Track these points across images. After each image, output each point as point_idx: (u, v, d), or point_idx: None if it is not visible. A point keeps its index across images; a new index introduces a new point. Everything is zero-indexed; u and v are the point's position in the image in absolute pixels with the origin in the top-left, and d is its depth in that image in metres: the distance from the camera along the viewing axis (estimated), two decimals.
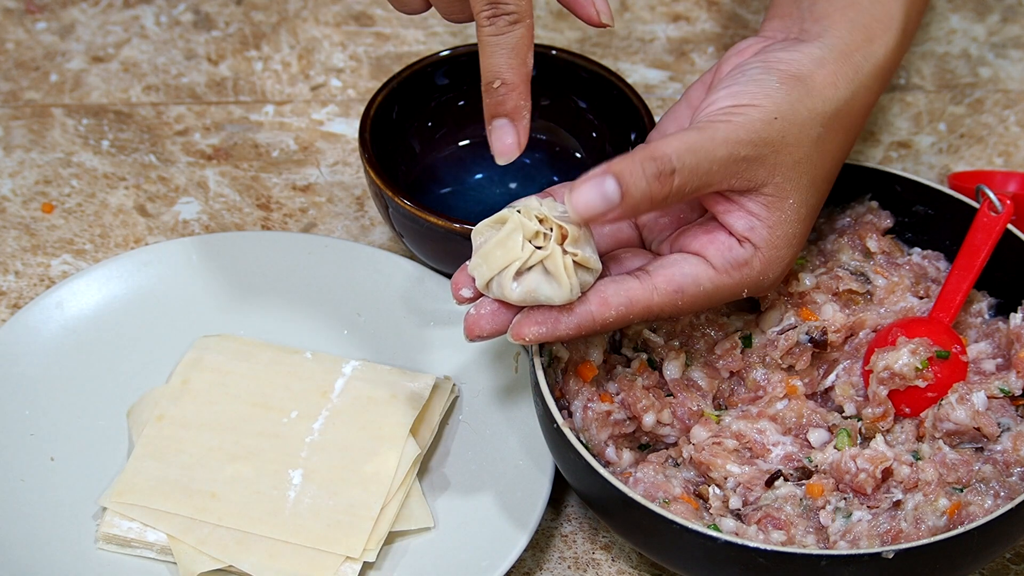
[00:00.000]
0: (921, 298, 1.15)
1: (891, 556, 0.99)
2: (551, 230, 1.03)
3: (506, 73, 1.04)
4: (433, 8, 1.08)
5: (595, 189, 1.00)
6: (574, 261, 1.03)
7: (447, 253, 1.19)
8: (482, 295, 1.05)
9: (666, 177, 1.01)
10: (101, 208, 1.31)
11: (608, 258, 1.08)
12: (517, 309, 1.04)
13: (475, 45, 1.26)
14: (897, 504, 1.06)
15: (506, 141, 1.05)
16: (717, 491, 1.08)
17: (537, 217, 1.04)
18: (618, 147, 1.25)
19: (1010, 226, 1.14)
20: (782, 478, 1.08)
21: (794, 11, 1.12)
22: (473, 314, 1.05)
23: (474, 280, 1.05)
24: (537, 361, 1.08)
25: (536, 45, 1.26)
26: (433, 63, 1.26)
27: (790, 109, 1.05)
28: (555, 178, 1.28)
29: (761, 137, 1.04)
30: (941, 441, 1.09)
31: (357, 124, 1.32)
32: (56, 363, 1.18)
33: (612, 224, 1.09)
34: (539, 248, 1.03)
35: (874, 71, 1.10)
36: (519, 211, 1.04)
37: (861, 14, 1.10)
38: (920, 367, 1.09)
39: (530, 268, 1.03)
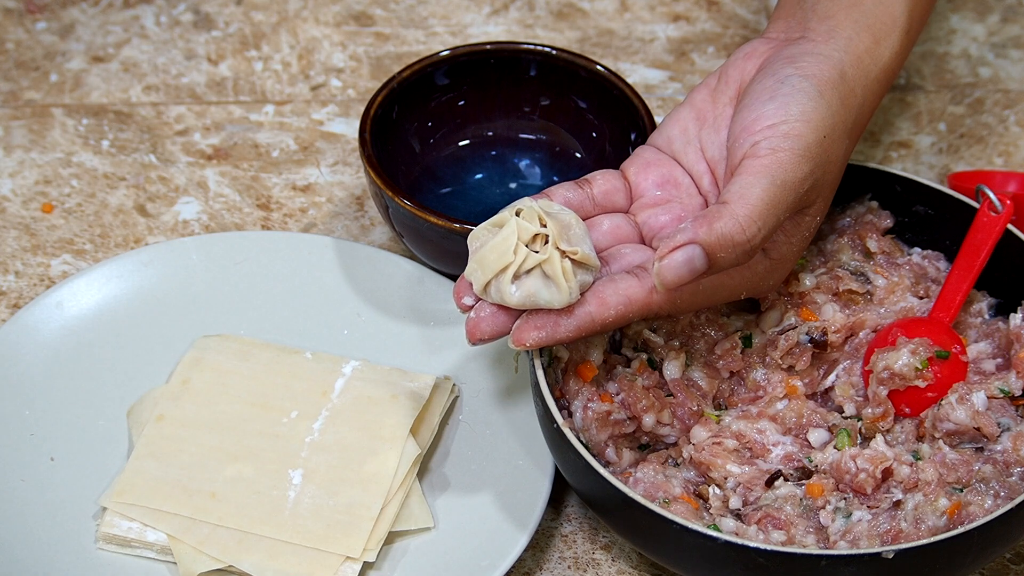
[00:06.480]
0: (921, 298, 1.15)
1: (891, 556, 0.99)
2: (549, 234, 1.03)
3: None
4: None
5: (685, 265, 1.00)
6: (573, 260, 1.03)
7: (447, 253, 1.19)
8: (482, 300, 1.05)
9: (754, 250, 1.02)
10: (101, 208, 1.31)
11: (608, 254, 1.08)
12: (517, 312, 1.04)
13: (475, 45, 1.27)
14: (897, 504, 1.06)
15: None
16: (717, 491, 1.08)
17: (539, 220, 1.04)
18: (618, 147, 1.25)
19: (1010, 226, 1.14)
20: (782, 478, 1.08)
21: (798, 11, 1.11)
22: (473, 318, 1.05)
23: (472, 285, 1.05)
24: (537, 361, 1.08)
25: (536, 45, 1.27)
26: (433, 63, 1.26)
27: (832, 125, 1.05)
28: (555, 178, 1.28)
29: (818, 163, 1.04)
30: (941, 441, 1.09)
31: (357, 124, 1.32)
32: (56, 363, 1.18)
33: (612, 222, 1.09)
34: (536, 252, 1.03)
35: (880, 75, 1.09)
36: (518, 213, 1.04)
37: (865, 15, 1.09)
38: (920, 367, 1.09)
39: (528, 272, 1.03)
